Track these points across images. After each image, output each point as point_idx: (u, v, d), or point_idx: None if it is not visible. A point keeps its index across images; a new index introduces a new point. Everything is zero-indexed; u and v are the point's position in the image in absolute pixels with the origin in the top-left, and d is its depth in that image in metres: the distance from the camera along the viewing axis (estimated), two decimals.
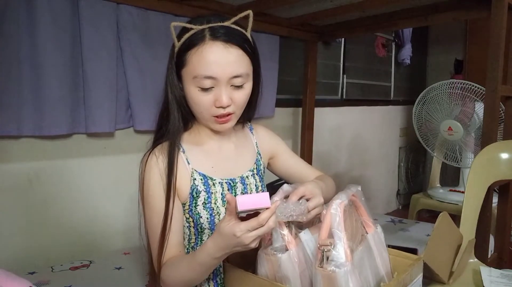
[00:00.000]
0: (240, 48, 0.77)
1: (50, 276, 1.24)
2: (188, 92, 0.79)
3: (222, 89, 0.76)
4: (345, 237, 0.62)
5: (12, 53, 1.22)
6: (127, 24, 1.45)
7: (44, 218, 1.38)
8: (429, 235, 1.61)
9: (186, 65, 0.78)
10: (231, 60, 0.76)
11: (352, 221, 0.69)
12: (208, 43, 0.75)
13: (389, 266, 0.73)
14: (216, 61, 0.75)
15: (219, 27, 0.76)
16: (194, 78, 0.76)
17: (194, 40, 0.76)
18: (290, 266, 0.66)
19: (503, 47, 1.33)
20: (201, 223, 0.83)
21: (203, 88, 0.77)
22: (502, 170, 1.19)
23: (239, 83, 0.78)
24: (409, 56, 3.15)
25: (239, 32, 0.78)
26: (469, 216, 1.12)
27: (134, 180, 1.55)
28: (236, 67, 0.76)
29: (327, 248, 0.61)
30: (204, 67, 0.75)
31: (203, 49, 0.75)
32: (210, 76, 0.75)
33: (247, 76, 0.80)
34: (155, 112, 1.54)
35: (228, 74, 0.76)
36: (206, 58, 0.75)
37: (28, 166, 1.34)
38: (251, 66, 0.81)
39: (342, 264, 0.60)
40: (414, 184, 3.59)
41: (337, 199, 0.65)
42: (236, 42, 0.76)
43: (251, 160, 0.93)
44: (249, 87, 0.81)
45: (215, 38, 0.75)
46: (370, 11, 1.78)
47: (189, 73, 0.77)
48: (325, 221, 0.64)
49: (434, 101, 2.16)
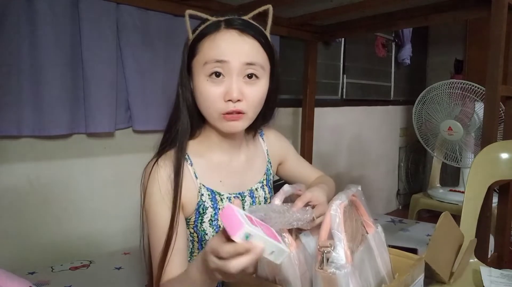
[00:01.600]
0: (256, 39, 0.72)
1: (50, 276, 1.24)
2: (197, 86, 0.73)
3: (233, 80, 0.70)
4: (345, 238, 0.61)
5: (12, 53, 1.22)
6: (127, 24, 1.45)
7: (44, 218, 1.38)
8: (429, 235, 1.62)
9: (197, 54, 0.73)
10: (246, 48, 0.71)
11: (352, 221, 0.68)
12: (222, 31, 0.71)
13: (390, 266, 0.73)
14: (229, 46, 0.70)
15: (236, 19, 0.72)
16: (204, 65, 0.71)
17: (208, 29, 0.72)
18: (290, 268, 0.65)
19: (503, 47, 1.33)
20: (206, 240, 0.78)
21: (213, 74, 0.70)
22: (502, 170, 1.19)
23: (253, 75, 0.71)
24: (409, 56, 3.15)
25: (256, 26, 0.74)
26: (469, 216, 1.12)
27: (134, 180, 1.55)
28: (251, 55, 0.71)
29: (327, 250, 0.61)
30: (215, 51, 0.70)
31: (216, 36, 0.71)
32: (221, 60, 0.69)
33: (262, 70, 0.73)
34: (154, 112, 1.56)
35: (241, 60, 0.69)
36: (218, 44, 0.70)
37: (28, 166, 1.34)
38: (267, 62, 0.75)
39: (342, 265, 0.59)
40: (414, 184, 3.59)
41: (337, 199, 0.64)
42: (252, 33, 0.71)
43: (261, 171, 0.88)
44: (263, 85, 0.74)
45: (230, 27, 0.71)
46: (370, 11, 1.78)
47: (200, 60, 0.72)
48: (324, 222, 0.63)
49: (434, 101, 2.16)
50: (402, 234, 1.67)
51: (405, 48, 3.12)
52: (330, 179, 0.96)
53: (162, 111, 1.58)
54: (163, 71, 1.57)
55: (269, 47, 0.75)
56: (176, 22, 1.58)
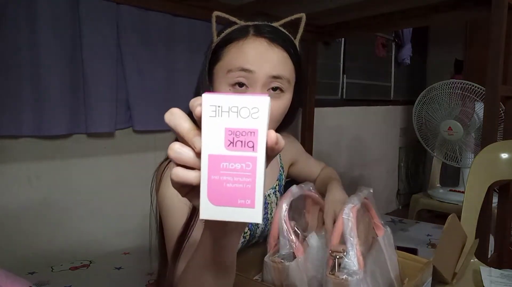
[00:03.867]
0: (285, 51, 0.69)
1: (50, 276, 1.24)
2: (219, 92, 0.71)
3: (257, 91, 0.66)
4: (358, 243, 0.59)
5: (12, 53, 1.22)
6: (127, 24, 1.45)
7: (44, 218, 1.38)
8: (429, 235, 1.62)
9: (221, 59, 0.69)
10: (274, 59, 0.67)
11: (364, 224, 0.67)
12: (251, 38, 0.67)
13: (398, 269, 0.72)
14: (256, 55, 0.66)
15: (265, 25, 0.69)
16: (228, 73, 0.67)
17: (235, 35, 0.68)
18: (298, 274, 0.63)
19: (503, 47, 1.33)
20: None
21: (236, 84, 0.66)
22: (502, 170, 1.19)
23: (278, 88, 0.68)
24: (409, 56, 3.15)
25: (286, 35, 0.71)
26: (469, 216, 1.12)
27: (134, 179, 1.56)
28: (278, 68, 0.67)
29: (339, 255, 0.59)
30: (241, 59, 0.66)
31: (244, 43, 0.67)
32: (247, 69, 0.65)
33: (288, 84, 0.69)
34: (154, 112, 1.56)
35: (267, 72, 0.66)
36: (245, 52, 0.66)
37: (28, 166, 1.34)
38: (294, 75, 0.71)
39: (354, 272, 0.58)
40: (414, 184, 3.59)
41: (349, 203, 0.62)
42: (282, 43, 0.68)
43: (274, 177, 0.87)
44: (287, 99, 0.71)
45: (259, 34, 0.68)
46: (370, 11, 1.78)
47: (223, 67, 0.68)
48: (337, 226, 0.61)
49: (434, 101, 2.16)
50: (402, 234, 1.67)
51: (405, 48, 3.13)
52: (332, 170, 0.97)
53: (162, 111, 1.55)
54: (163, 71, 1.57)
55: (297, 57, 0.72)
56: (176, 22, 1.58)
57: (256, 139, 0.32)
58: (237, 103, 0.32)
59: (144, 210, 0.82)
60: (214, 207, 0.34)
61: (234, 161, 0.33)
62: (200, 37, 1.63)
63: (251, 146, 0.33)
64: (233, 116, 0.32)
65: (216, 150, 0.33)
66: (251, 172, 0.33)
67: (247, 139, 0.32)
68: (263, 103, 0.32)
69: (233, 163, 0.33)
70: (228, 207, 0.33)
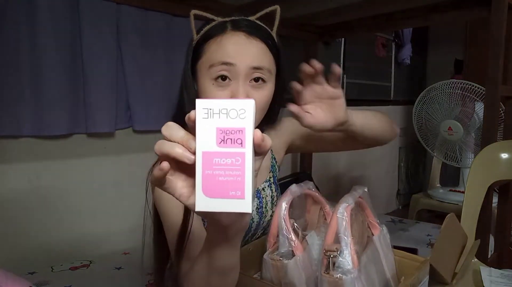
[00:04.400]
0: (263, 42, 0.71)
1: (50, 276, 1.24)
2: (203, 89, 0.71)
3: (239, 83, 0.68)
4: (352, 242, 0.60)
5: (12, 53, 1.22)
6: (126, 24, 1.45)
7: (44, 218, 1.38)
8: (429, 235, 1.62)
9: (202, 56, 0.71)
10: (253, 51, 0.69)
11: (359, 223, 0.67)
12: (229, 33, 0.70)
13: (395, 268, 0.72)
14: (236, 49, 0.68)
15: (242, 20, 0.71)
16: (210, 68, 0.69)
17: (214, 31, 0.70)
18: (296, 272, 0.64)
19: (503, 47, 1.33)
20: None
21: (219, 77, 0.68)
22: (502, 170, 1.19)
23: (259, 78, 0.70)
24: (409, 56, 3.15)
25: (263, 28, 0.73)
26: (469, 216, 1.12)
27: (134, 179, 1.56)
28: (258, 59, 0.69)
29: (333, 254, 0.60)
30: (221, 53, 0.68)
31: (223, 38, 0.69)
32: (228, 62, 0.67)
33: (269, 74, 0.72)
34: (154, 112, 1.56)
35: (248, 64, 0.68)
36: (225, 46, 0.68)
37: (28, 166, 1.34)
38: (274, 64, 0.74)
39: (348, 271, 0.58)
40: (414, 184, 3.58)
41: (343, 202, 0.63)
42: (259, 36, 0.71)
43: (266, 169, 0.87)
44: (270, 89, 0.73)
45: (237, 29, 0.70)
46: (370, 11, 1.78)
47: (205, 63, 0.70)
48: (331, 225, 0.62)
49: (434, 101, 2.16)
50: (402, 234, 1.67)
51: (405, 48, 3.12)
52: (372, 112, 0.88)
53: (162, 111, 1.58)
54: (163, 71, 1.57)
55: (276, 49, 0.74)
56: (176, 22, 1.58)
57: (244, 136, 0.36)
58: (227, 106, 0.37)
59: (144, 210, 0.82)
60: (208, 199, 0.37)
61: (225, 157, 0.36)
62: None
63: (239, 143, 0.36)
64: (223, 117, 0.37)
65: (209, 147, 0.37)
66: (241, 165, 0.36)
67: (236, 137, 0.36)
68: (248, 105, 0.36)
69: (224, 158, 0.36)
70: (220, 199, 0.37)
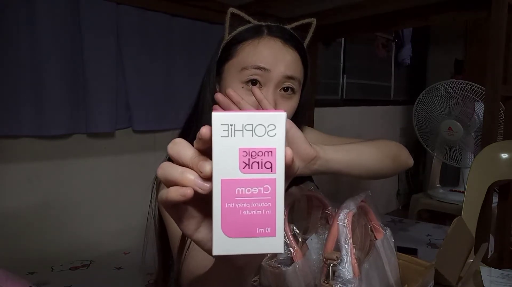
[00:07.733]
0: (297, 52, 0.70)
1: (50, 276, 1.24)
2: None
3: (270, 91, 0.66)
4: (352, 251, 0.58)
5: (12, 53, 1.22)
6: (126, 25, 1.45)
7: (44, 218, 1.38)
8: (429, 235, 1.62)
9: (234, 57, 0.69)
10: (288, 59, 0.67)
11: (361, 228, 0.65)
12: (266, 38, 0.68)
13: (398, 273, 0.70)
14: (271, 55, 0.66)
15: (278, 27, 0.70)
16: (241, 71, 0.67)
17: (250, 33, 0.69)
18: (295, 279, 0.62)
19: (503, 47, 1.33)
20: None
21: (250, 81, 0.66)
22: (502, 170, 1.19)
23: (289, 88, 0.68)
24: (409, 56, 3.15)
25: (297, 38, 0.72)
26: (469, 216, 1.12)
27: (134, 179, 1.56)
28: (292, 68, 0.68)
29: (333, 263, 0.58)
30: (257, 57, 0.66)
31: (260, 42, 0.67)
32: (262, 67, 0.65)
33: (298, 85, 0.70)
34: (154, 112, 1.56)
35: (282, 71, 0.66)
36: (261, 50, 0.66)
37: (28, 166, 1.34)
38: (303, 76, 0.72)
39: (349, 280, 0.57)
40: (414, 184, 3.58)
41: (345, 208, 0.61)
42: (294, 45, 0.70)
43: None
44: (297, 102, 0.71)
45: (274, 35, 0.68)
46: (370, 11, 1.78)
47: (236, 65, 0.68)
48: (331, 232, 0.60)
49: (434, 101, 2.16)
50: (402, 234, 1.67)
51: (405, 48, 3.12)
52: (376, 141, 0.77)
53: (162, 111, 1.58)
54: (163, 71, 1.57)
55: (306, 61, 0.73)
56: (176, 22, 1.57)
57: (274, 159, 0.29)
58: (252, 120, 0.29)
59: (144, 210, 0.82)
60: (230, 239, 0.29)
61: (251, 185, 0.29)
62: (200, 38, 1.62)
63: (268, 167, 0.29)
64: (248, 135, 0.29)
65: (230, 174, 0.29)
66: (271, 195, 0.29)
67: (264, 159, 0.29)
68: (279, 119, 0.29)
69: (250, 187, 0.29)
70: (245, 238, 0.29)
